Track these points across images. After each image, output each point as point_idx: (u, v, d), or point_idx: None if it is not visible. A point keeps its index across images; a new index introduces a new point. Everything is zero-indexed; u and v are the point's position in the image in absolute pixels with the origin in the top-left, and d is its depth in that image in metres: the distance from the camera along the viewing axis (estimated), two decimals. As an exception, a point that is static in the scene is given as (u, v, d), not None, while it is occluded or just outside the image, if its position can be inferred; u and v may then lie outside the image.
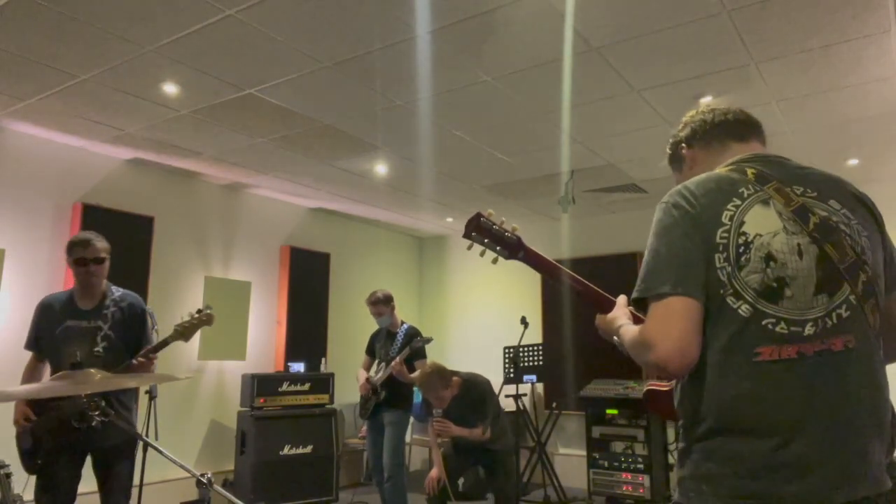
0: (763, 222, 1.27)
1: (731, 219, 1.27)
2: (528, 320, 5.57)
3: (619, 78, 3.63)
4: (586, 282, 1.60)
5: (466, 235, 1.62)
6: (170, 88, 3.80)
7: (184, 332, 3.07)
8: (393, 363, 4.38)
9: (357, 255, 7.23)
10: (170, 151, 4.94)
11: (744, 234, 1.25)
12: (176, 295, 5.39)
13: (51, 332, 3.09)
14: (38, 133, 4.59)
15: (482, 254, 1.65)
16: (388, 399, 4.47)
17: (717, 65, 3.47)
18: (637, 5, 2.91)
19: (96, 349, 3.05)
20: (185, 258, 5.55)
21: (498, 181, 5.68)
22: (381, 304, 4.63)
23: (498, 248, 1.62)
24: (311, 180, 5.71)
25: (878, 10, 2.94)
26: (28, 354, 3.26)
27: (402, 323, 4.70)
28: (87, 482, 3.10)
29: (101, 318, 3.11)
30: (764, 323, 1.22)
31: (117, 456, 3.05)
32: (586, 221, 6.89)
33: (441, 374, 3.94)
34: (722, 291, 1.24)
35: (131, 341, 3.17)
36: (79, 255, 3.07)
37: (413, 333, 4.59)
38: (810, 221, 1.27)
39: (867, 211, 1.37)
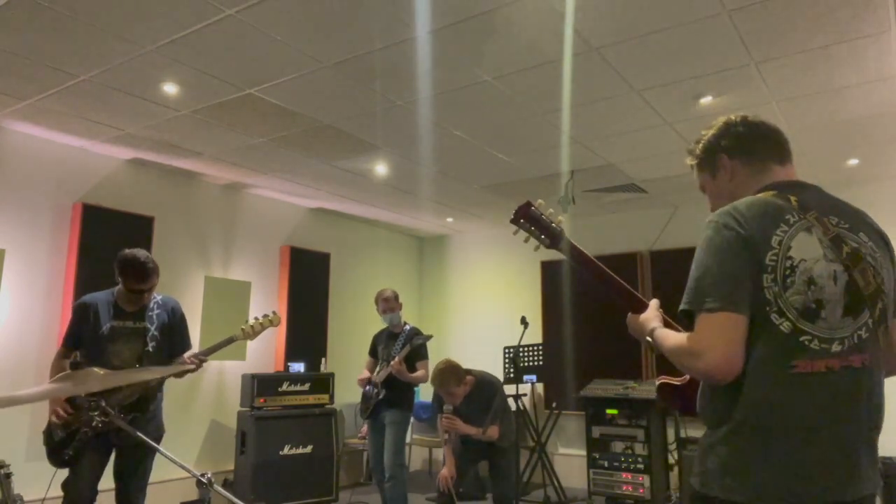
0: (807, 248, 1.39)
1: (779, 243, 1.39)
2: (528, 320, 5.56)
3: (619, 78, 3.63)
4: (620, 280, 1.70)
5: (514, 221, 1.75)
6: (170, 88, 3.80)
7: (251, 333, 3.37)
8: (392, 362, 4.39)
9: (357, 255, 7.23)
10: (170, 151, 4.94)
11: (790, 258, 1.38)
12: (176, 295, 5.33)
13: (95, 331, 3.15)
14: (38, 133, 4.58)
15: (526, 240, 1.77)
16: (389, 399, 4.47)
17: (717, 65, 3.47)
18: (637, 5, 2.91)
19: (147, 349, 3.20)
20: (185, 258, 5.55)
21: (498, 181, 5.68)
22: (393, 300, 4.71)
23: (542, 236, 1.74)
24: (311, 180, 5.71)
25: (878, 10, 2.94)
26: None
27: (405, 324, 4.72)
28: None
29: (146, 320, 3.24)
30: (801, 339, 1.35)
31: (146, 452, 3.14)
32: (586, 221, 6.89)
33: (455, 371, 4.07)
34: (767, 308, 1.36)
35: (177, 342, 3.33)
36: (135, 288, 3.17)
37: (415, 334, 4.62)
38: (843, 250, 1.41)
39: (885, 246, 1.51)
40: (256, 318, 3.48)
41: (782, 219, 1.41)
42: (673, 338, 1.48)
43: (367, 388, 4.63)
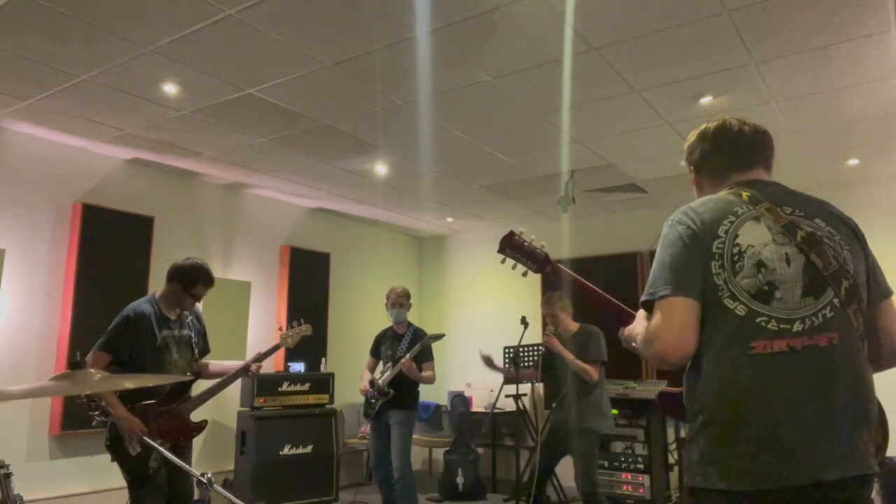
0: (754, 235, 1.46)
1: (726, 232, 1.47)
2: (528, 320, 5.56)
3: (619, 78, 3.63)
4: (613, 299, 1.77)
5: (501, 251, 1.83)
6: (170, 88, 3.80)
7: (290, 340, 3.58)
8: (403, 361, 4.37)
9: (357, 255, 7.23)
10: (170, 151, 4.94)
11: (737, 244, 1.45)
12: (176, 295, 5.38)
13: (151, 343, 3.15)
14: (39, 133, 4.58)
15: (514, 267, 1.86)
16: (395, 399, 4.46)
17: (717, 65, 3.47)
18: (637, 5, 2.91)
19: (194, 356, 3.34)
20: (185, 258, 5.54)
21: (498, 181, 5.68)
22: (405, 297, 4.69)
23: (529, 262, 1.83)
24: (311, 180, 5.71)
25: (878, 10, 2.94)
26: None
27: (409, 325, 4.72)
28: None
29: (185, 327, 3.32)
30: (758, 321, 1.39)
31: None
32: (586, 221, 6.88)
33: (567, 302, 4.39)
34: (719, 294, 1.42)
35: (202, 345, 3.45)
36: (203, 293, 3.26)
37: (421, 334, 4.62)
38: (798, 235, 1.45)
39: (850, 231, 1.54)
40: (292, 325, 3.63)
41: (731, 211, 1.49)
42: (641, 333, 1.54)
43: (370, 390, 4.60)
